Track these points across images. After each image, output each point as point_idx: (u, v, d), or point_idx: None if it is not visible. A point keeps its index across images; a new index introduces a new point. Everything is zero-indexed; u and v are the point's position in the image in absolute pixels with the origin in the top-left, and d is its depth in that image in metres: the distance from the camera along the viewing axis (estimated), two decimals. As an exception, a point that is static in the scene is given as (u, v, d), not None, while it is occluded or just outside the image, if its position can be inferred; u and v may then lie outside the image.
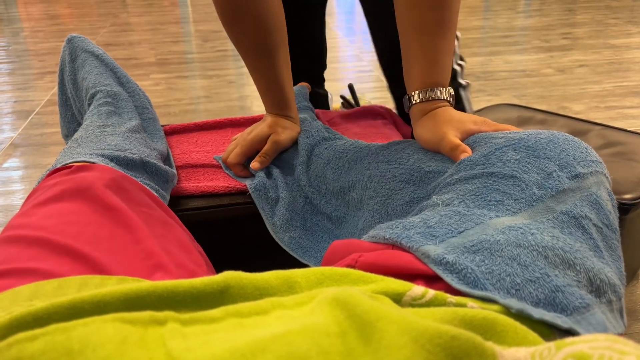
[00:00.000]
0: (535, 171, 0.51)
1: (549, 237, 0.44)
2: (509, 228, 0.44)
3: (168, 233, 0.56)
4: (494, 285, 0.40)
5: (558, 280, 0.40)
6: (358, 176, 0.71)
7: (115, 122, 0.79)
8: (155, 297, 0.33)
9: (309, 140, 0.81)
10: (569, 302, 0.39)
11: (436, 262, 0.42)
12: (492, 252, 0.42)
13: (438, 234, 0.46)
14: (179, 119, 1.95)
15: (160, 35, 3.19)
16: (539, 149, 0.52)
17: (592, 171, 0.51)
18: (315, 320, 0.28)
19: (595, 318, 0.39)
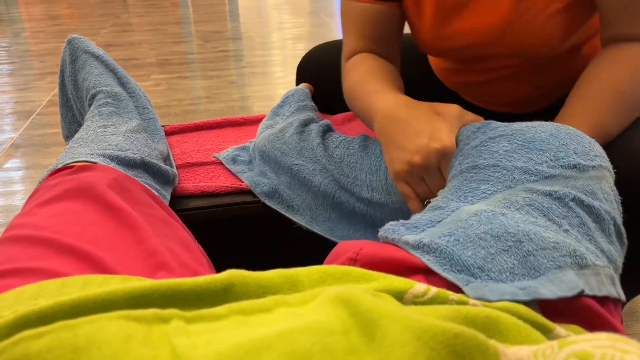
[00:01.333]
0: (523, 160, 0.51)
1: (519, 214, 0.45)
2: (482, 211, 0.46)
3: (170, 232, 0.56)
4: (470, 257, 0.42)
5: (529, 246, 0.42)
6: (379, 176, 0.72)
7: (116, 123, 0.79)
8: (159, 296, 0.33)
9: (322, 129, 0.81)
10: (541, 264, 0.42)
11: (414, 246, 0.45)
12: (465, 230, 0.45)
13: (419, 225, 0.50)
14: (180, 119, 1.95)
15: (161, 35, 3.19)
16: (535, 141, 0.52)
17: (595, 165, 0.51)
18: (318, 318, 0.28)
19: (567, 277, 0.41)
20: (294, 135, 0.81)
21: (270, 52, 2.92)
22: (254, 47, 3.01)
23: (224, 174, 0.87)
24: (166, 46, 2.95)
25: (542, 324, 0.35)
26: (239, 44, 3.06)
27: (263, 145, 0.83)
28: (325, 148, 0.77)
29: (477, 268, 0.41)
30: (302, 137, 0.80)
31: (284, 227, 0.81)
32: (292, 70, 2.60)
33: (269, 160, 0.83)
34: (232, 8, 4.16)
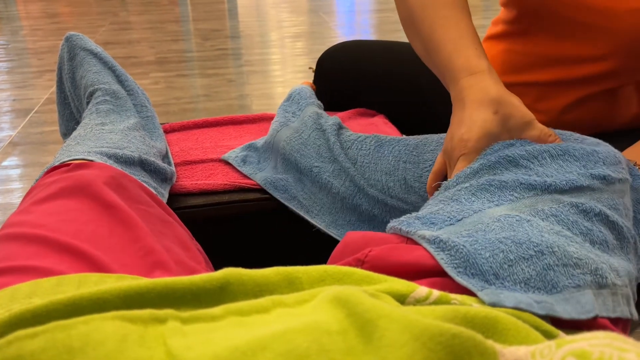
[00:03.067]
0: (554, 166, 0.50)
1: (545, 223, 0.44)
2: (506, 216, 0.44)
3: (167, 231, 0.56)
4: (487, 260, 0.40)
5: (551, 259, 0.40)
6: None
7: (114, 120, 0.79)
8: (155, 295, 0.33)
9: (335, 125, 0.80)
10: (559, 280, 0.40)
11: (430, 241, 0.43)
12: (486, 233, 0.43)
13: (437, 222, 0.47)
14: (179, 117, 1.95)
15: (159, 33, 3.19)
16: (567, 148, 0.51)
17: (622, 178, 0.50)
18: (316, 319, 0.27)
19: (585, 298, 0.39)
20: (313, 134, 0.80)
21: (269, 50, 2.92)
22: (252, 45, 3.00)
23: (223, 172, 0.86)
24: (165, 44, 2.95)
25: (546, 330, 0.34)
26: (238, 43, 3.06)
27: (283, 148, 0.83)
28: (342, 146, 0.77)
29: (492, 274, 0.40)
30: (319, 135, 0.80)
31: (284, 225, 0.81)
32: (291, 69, 2.60)
33: (289, 163, 0.82)
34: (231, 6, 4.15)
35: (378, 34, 3.38)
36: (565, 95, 0.78)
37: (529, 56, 0.79)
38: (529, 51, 0.79)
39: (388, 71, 1.02)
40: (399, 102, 1.02)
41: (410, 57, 1.04)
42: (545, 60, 0.78)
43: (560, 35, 0.76)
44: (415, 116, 1.02)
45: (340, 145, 0.77)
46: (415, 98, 1.01)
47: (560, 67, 0.77)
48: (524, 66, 0.80)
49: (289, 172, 0.82)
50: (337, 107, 1.06)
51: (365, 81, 1.04)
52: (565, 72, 0.77)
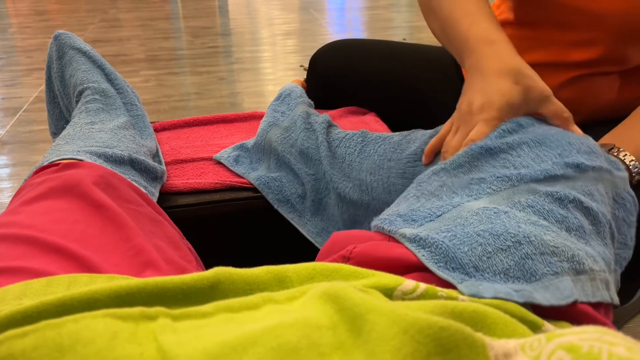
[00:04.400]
0: (531, 156, 0.51)
1: (522, 214, 0.45)
2: (484, 209, 0.45)
3: (157, 230, 0.55)
4: (466, 253, 0.41)
5: (528, 249, 0.41)
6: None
7: (104, 119, 0.78)
8: (146, 294, 0.33)
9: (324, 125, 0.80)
10: (538, 269, 0.40)
11: (411, 240, 0.44)
12: (464, 227, 0.44)
13: (417, 219, 0.48)
14: (169, 115, 1.94)
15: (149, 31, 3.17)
16: (544, 136, 0.52)
17: (596, 166, 0.51)
18: (306, 314, 0.28)
19: (563, 284, 0.40)
20: (301, 135, 0.80)
21: (260, 48, 2.91)
22: (243, 43, 3.00)
23: (213, 171, 0.86)
24: (155, 42, 2.93)
25: (531, 321, 0.35)
26: (229, 40, 3.05)
27: (274, 149, 0.83)
28: (329, 147, 0.77)
29: (472, 267, 0.40)
30: (307, 136, 0.80)
31: (274, 224, 0.81)
32: (282, 67, 2.59)
33: (282, 163, 0.82)
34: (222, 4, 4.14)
35: (369, 32, 3.38)
36: (556, 76, 0.79)
37: (520, 39, 0.81)
38: (521, 35, 0.81)
39: (380, 70, 1.03)
40: (391, 101, 1.03)
41: (402, 56, 1.04)
42: (536, 44, 0.80)
43: (551, 20, 0.77)
44: (407, 114, 1.03)
45: (328, 145, 0.77)
46: (407, 97, 1.02)
47: (550, 50, 0.78)
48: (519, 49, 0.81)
49: (282, 171, 0.82)
50: (330, 106, 1.06)
51: (358, 80, 1.04)
52: (555, 56, 0.78)
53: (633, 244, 0.54)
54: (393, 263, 0.43)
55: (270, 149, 0.84)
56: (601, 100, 0.81)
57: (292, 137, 0.81)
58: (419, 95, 1.01)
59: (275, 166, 0.84)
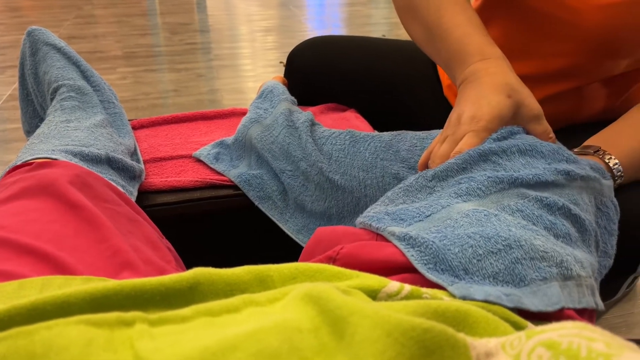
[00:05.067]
0: (521, 161, 0.51)
1: (512, 217, 0.44)
2: (474, 211, 0.45)
3: (135, 230, 0.54)
4: (456, 255, 0.40)
5: (518, 253, 0.41)
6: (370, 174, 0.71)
7: (80, 117, 0.77)
8: (122, 297, 0.32)
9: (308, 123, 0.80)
10: (527, 274, 0.40)
11: (400, 238, 0.43)
12: (454, 228, 0.43)
13: (406, 218, 0.47)
14: (148, 113, 1.91)
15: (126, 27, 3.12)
16: (534, 145, 0.52)
17: (584, 175, 0.51)
18: (287, 317, 0.27)
19: (551, 290, 0.40)
20: (283, 132, 0.79)
21: (239, 44, 2.89)
22: (222, 39, 2.97)
23: (193, 168, 0.85)
24: (132, 38, 2.89)
25: (514, 321, 0.35)
26: (207, 37, 3.02)
27: (255, 146, 0.82)
28: (315, 143, 0.77)
29: (461, 269, 0.40)
30: (290, 133, 0.79)
31: (257, 222, 0.80)
32: (262, 63, 2.58)
33: (262, 160, 0.81)
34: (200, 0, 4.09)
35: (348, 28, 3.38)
36: (537, 91, 0.79)
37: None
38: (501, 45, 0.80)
39: (359, 66, 1.02)
40: (370, 97, 1.03)
41: (381, 53, 1.04)
42: (513, 55, 0.80)
43: (528, 29, 0.76)
44: (387, 110, 1.03)
45: (314, 142, 0.76)
46: (386, 93, 1.02)
47: (528, 61, 0.78)
48: None
49: (263, 168, 0.82)
50: (308, 103, 1.05)
51: (336, 76, 1.03)
52: (533, 68, 0.78)
53: (614, 252, 0.55)
54: (380, 264, 0.42)
55: (251, 146, 0.83)
56: (585, 112, 0.81)
57: (272, 134, 0.81)
58: (398, 91, 1.01)
59: (256, 163, 0.83)
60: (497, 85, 0.56)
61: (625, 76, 0.76)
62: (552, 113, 0.79)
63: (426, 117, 0.99)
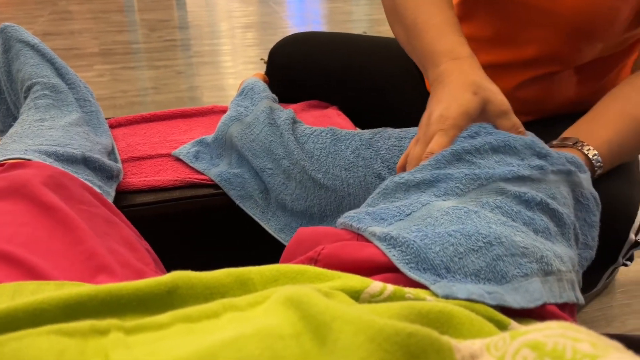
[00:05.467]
0: (495, 158, 0.51)
1: (491, 214, 0.44)
2: (454, 208, 0.45)
3: (112, 231, 0.53)
4: (437, 254, 0.40)
5: (499, 250, 0.41)
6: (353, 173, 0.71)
7: (54, 116, 0.75)
8: (98, 303, 0.31)
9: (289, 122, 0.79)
10: (508, 270, 0.40)
11: (381, 238, 0.43)
12: (435, 227, 0.43)
13: (386, 217, 0.47)
14: (126, 111, 1.88)
15: (103, 24, 3.07)
16: (508, 140, 0.52)
17: (559, 169, 0.51)
18: (268, 322, 0.26)
19: (533, 286, 0.40)
20: (264, 130, 0.78)
21: (219, 41, 2.86)
22: (202, 36, 2.94)
23: (172, 167, 0.84)
24: (109, 35, 2.84)
25: (498, 320, 0.35)
26: (187, 33, 2.98)
27: (235, 145, 0.81)
28: (297, 141, 0.76)
29: (443, 268, 0.40)
30: (271, 131, 0.78)
31: (238, 221, 0.79)
32: (242, 60, 2.56)
33: (243, 159, 0.80)
34: (179, -4, 4.04)
35: (329, 25, 3.37)
36: (514, 77, 0.79)
37: (474, 41, 0.81)
38: (474, 35, 0.81)
39: (340, 63, 1.02)
40: (351, 94, 1.02)
41: (363, 49, 1.04)
42: (491, 43, 0.80)
43: (506, 17, 0.77)
44: (368, 107, 1.02)
45: (296, 140, 0.76)
46: (368, 90, 1.01)
47: (505, 49, 0.79)
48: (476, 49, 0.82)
49: (244, 166, 0.81)
50: (290, 100, 1.04)
51: (318, 73, 1.03)
52: (510, 55, 0.79)
53: (595, 244, 0.55)
54: (362, 264, 0.42)
55: (232, 144, 0.82)
56: (559, 98, 0.82)
57: (253, 132, 0.80)
58: (380, 87, 1.01)
59: (237, 162, 0.82)
60: (464, 84, 0.57)
61: (599, 64, 0.78)
62: (528, 98, 0.80)
63: (409, 113, 0.99)
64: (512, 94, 0.79)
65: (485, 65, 0.76)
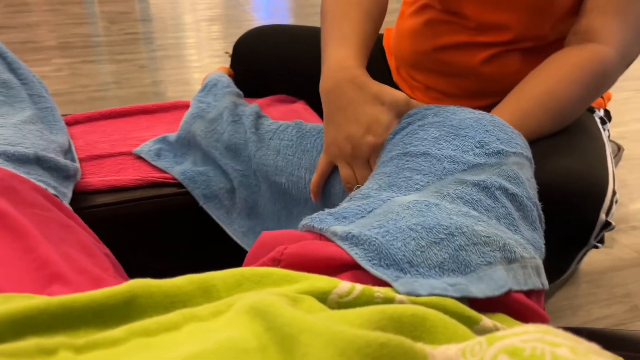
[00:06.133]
0: (451, 148, 0.51)
1: (452, 205, 0.44)
2: (414, 202, 0.45)
3: (67, 236, 0.50)
4: (399, 249, 0.40)
5: (461, 240, 0.41)
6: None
7: (5, 113, 0.71)
8: (48, 316, 0.29)
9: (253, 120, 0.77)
10: (472, 260, 0.40)
11: (343, 238, 0.42)
12: (396, 222, 0.43)
13: (348, 216, 0.47)
14: (86, 107, 1.82)
15: (61, 16, 2.97)
16: (461, 127, 0.53)
17: (516, 152, 0.52)
18: (231, 335, 0.25)
19: (497, 274, 0.40)
20: (228, 128, 0.76)
21: (183, 34, 2.80)
22: (165, 29, 2.87)
23: (134, 166, 0.81)
24: (67, 28, 2.75)
25: (469, 316, 0.34)
26: (149, 26, 2.91)
27: (199, 143, 0.78)
28: (260, 140, 0.74)
29: (406, 263, 0.39)
30: (235, 129, 0.76)
31: (204, 221, 0.77)
32: (208, 53, 2.51)
33: (208, 157, 0.78)
34: (141, -13, 3.94)
35: (295, 18, 3.34)
36: (476, 54, 0.82)
37: (442, 23, 0.84)
38: (443, 19, 0.84)
39: (307, 55, 1.00)
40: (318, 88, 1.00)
41: None
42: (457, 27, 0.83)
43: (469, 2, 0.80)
44: None
45: (259, 139, 0.74)
46: None
47: (469, 32, 0.82)
48: (442, 32, 0.85)
49: (209, 164, 0.78)
50: (256, 94, 1.02)
51: (284, 66, 1.01)
52: (474, 37, 0.82)
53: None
54: (326, 262, 0.41)
55: (196, 142, 0.80)
56: (521, 75, 0.83)
57: (217, 130, 0.77)
58: None
59: (202, 160, 0.79)
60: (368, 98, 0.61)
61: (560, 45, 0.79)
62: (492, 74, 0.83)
63: None
64: (477, 69, 0.82)
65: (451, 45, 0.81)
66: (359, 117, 0.61)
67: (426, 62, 0.88)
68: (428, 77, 0.89)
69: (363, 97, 0.61)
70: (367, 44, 0.72)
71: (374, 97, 0.61)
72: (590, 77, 0.67)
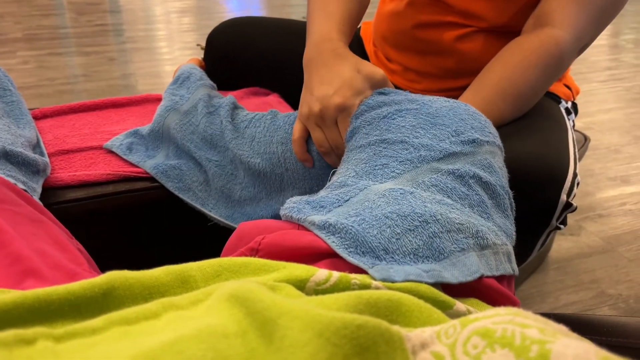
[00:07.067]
0: (428, 136, 0.52)
1: (427, 193, 0.46)
2: (390, 190, 0.46)
3: (39, 231, 0.49)
4: (375, 237, 0.41)
5: (435, 227, 0.42)
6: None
7: (-30, 107, 0.69)
8: (25, 310, 0.29)
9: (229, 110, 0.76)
10: (445, 246, 0.42)
11: (320, 227, 0.43)
12: (372, 210, 0.44)
13: (325, 204, 0.48)
14: (54, 100, 1.78)
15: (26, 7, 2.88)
16: (438, 116, 0.54)
17: (489, 140, 0.53)
18: (211, 321, 0.25)
19: (469, 260, 0.42)
20: (203, 120, 0.75)
21: (153, 26, 2.76)
22: (135, 20, 2.82)
23: (105, 160, 0.79)
24: (33, 19, 2.67)
25: (443, 301, 0.35)
26: (118, 18, 2.85)
27: (173, 136, 0.77)
28: (236, 129, 0.73)
29: (381, 250, 0.40)
30: (210, 121, 0.75)
31: (177, 216, 0.77)
32: (179, 45, 2.48)
33: (182, 151, 0.77)
34: (108, -22, 3.86)
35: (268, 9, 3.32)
36: (454, 31, 0.84)
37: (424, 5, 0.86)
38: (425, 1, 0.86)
39: (280, 48, 1.00)
40: (293, 79, 1.01)
41: (301, 34, 1.02)
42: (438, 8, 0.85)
43: None
44: None
45: (235, 128, 0.74)
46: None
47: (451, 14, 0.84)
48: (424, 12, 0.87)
49: (182, 158, 0.78)
50: (229, 87, 1.01)
51: (258, 58, 1.00)
52: (455, 18, 0.84)
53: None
54: (304, 251, 0.42)
55: (169, 135, 0.79)
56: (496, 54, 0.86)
57: (192, 122, 0.77)
58: None
59: (175, 154, 0.79)
60: (344, 63, 0.64)
61: None
62: (468, 51, 0.85)
63: None
64: (454, 46, 0.84)
65: (431, 22, 0.85)
66: (332, 79, 0.63)
67: (405, 40, 0.90)
68: (406, 56, 0.91)
69: (341, 63, 0.64)
70: (352, 22, 0.74)
71: (352, 66, 0.63)
72: (545, 61, 0.69)
